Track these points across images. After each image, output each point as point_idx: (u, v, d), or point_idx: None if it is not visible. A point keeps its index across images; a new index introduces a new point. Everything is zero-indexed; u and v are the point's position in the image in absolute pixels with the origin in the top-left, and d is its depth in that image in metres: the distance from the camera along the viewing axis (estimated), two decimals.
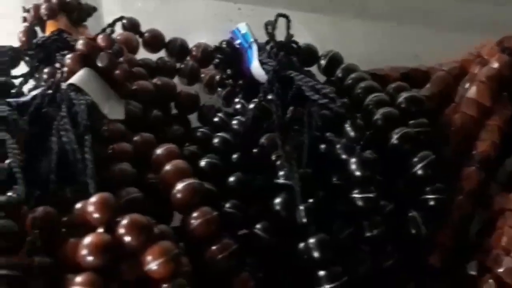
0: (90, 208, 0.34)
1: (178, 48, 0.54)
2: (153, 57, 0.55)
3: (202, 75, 0.54)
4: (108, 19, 0.59)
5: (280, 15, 0.47)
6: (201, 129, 0.47)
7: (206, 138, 0.46)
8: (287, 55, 0.45)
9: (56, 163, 0.38)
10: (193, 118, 0.53)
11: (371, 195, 0.39)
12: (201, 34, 0.60)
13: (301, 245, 0.38)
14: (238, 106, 0.48)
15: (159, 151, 0.41)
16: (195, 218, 0.38)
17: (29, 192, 0.36)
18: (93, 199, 0.34)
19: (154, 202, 0.41)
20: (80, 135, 0.38)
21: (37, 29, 0.56)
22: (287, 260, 0.39)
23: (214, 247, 0.37)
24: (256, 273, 0.38)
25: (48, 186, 0.38)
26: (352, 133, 0.40)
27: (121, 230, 0.33)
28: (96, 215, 0.34)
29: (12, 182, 0.38)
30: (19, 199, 0.34)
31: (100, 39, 0.45)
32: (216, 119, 0.48)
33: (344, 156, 0.41)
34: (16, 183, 0.37)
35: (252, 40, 0.47)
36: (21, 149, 0.39)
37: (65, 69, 0.44)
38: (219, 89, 0.52)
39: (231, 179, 0.42)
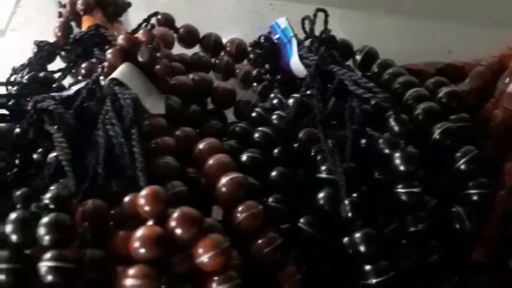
0: (141, 201, 0.34)
1: (213, 44, 0.54)
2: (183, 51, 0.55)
3: (237, 71, 0.54)
4: (133, 15, 0.59)
5: (319, 10, 0.46)
6: (239, 124, 0.47)
7: (245, 133, 0.46)
8: (328, 50, 0.45)
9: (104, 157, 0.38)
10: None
11: (415, 189, 0.39)
12: (232, 29, 0.60)
13: (346, 239, 0.38)
14: (275, 101, 0.48)
15: (201, 145, 0.42)
16: (240, 212, 0.38)
17: (77, 185, 0.36)
18: (144, 192, 0.34)
19: (195, 196, 0.41)
20: (126, 129, 0.39)
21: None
22: (330, 254, 0.39)
23: (260, 241, 0.37)
24: (300, 267, 0.38)
25: (94, 180, 0.38)
26: (396, 128, 0.40)
27: (173, 223, 0.33)
28: (147, 208, 0.34)
29: (58, 175, 0.38)
30: (70, 192, 0.35)
31: (140, 34, 0.45)
32: (254, 114, 0.48)
33: (387, 151, 0.41)
34: (62, 176, 0.38)
35: (292, 34, 0.47)
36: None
37: (106, 63, 0.44)
38: (254, 84, 0.53)
39: (274, 173, 0.42)
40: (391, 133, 0.41)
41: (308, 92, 0.45)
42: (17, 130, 0.42)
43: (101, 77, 0.44)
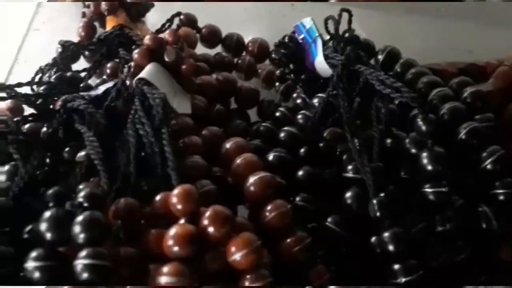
0: (174, 200, 0.34)
1: (235, 44, 0.55)
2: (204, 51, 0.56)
3: (259, 70, 0.55)
4: (150, 15, 0.60)
5: (344, 10, 0.47)
6: (263, 124, 0.47)
7: (269, 132, 0.46)
8: (354, 50, 0.45)
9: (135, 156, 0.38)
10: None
11: (443, 189, 0.39)
12: (253, 30, 0.60)
13: (374, 238, 0.39)
14: (298, 100, 0.48)
15: (228, 144, 0.42)
16: (269, 211, 0.38)
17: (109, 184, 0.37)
18: (176, 190, 0.34)
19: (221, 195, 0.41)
20: (155, 128, 0.39)
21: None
22: (358, 253, 0.40)
23: (288, 240, 0.37)
24: (328, 266, 0.39)
25: (124, 179, 0.39)
26: (424, 127, 0.40)
27: (205, 221, 0.34)
28: (179, 206, 0.34)
29: (87, 174, 0.39)
30: (104, 191, 0.35)
31: (166, 34, 0.45)
32: (277, 114, 0.48)
33: (414, 151, 0.41)
34: (90, 175, 0.38)
35: (317, 34, 0.47)
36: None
37: (132, 63, 0.45)
38: (277, 83, 0.53)
39: (301, 172, 0.42)
40: (418, 133, 0.41)
41: (334, 92, 0.45)
42: (45, 129, 0.43)
43: (128, 77, 0.44)
